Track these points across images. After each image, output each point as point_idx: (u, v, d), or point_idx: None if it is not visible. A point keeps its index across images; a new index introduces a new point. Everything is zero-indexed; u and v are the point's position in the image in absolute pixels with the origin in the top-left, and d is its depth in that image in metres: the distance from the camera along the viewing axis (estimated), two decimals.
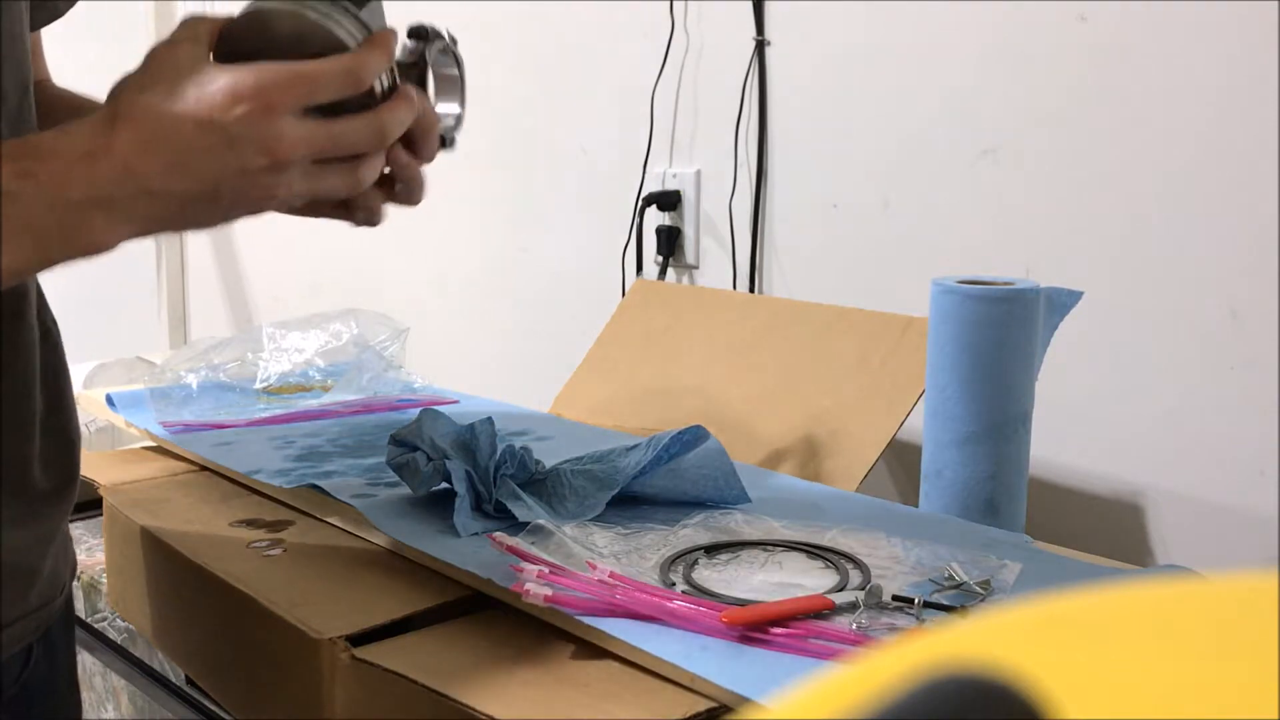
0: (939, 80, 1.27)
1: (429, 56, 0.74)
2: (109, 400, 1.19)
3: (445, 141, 0.75)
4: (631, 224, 1.56)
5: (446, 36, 0.77)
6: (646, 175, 1.56)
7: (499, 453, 0.85)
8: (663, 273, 1.55)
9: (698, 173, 1.52)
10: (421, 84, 0.73)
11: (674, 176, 1.55)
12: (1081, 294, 0.96)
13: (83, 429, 0.79)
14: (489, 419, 0.87)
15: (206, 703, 0.93)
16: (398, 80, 0.67)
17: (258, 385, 1.25)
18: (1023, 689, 0.16)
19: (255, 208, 0.62)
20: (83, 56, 1.43)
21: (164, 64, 0.60)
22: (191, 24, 0.63)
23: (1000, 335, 0.91)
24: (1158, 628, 0.18)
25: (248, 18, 0.63)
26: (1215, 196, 1.08)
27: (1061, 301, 0.95)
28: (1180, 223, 1.10)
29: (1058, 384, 1.07)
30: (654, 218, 1.56)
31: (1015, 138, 1.21)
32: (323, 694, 0.70)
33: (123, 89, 0.59)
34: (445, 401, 1.24)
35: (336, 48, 0.62)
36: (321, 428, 1.13)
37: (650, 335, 1.30)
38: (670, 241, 1.55)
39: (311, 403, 1.21)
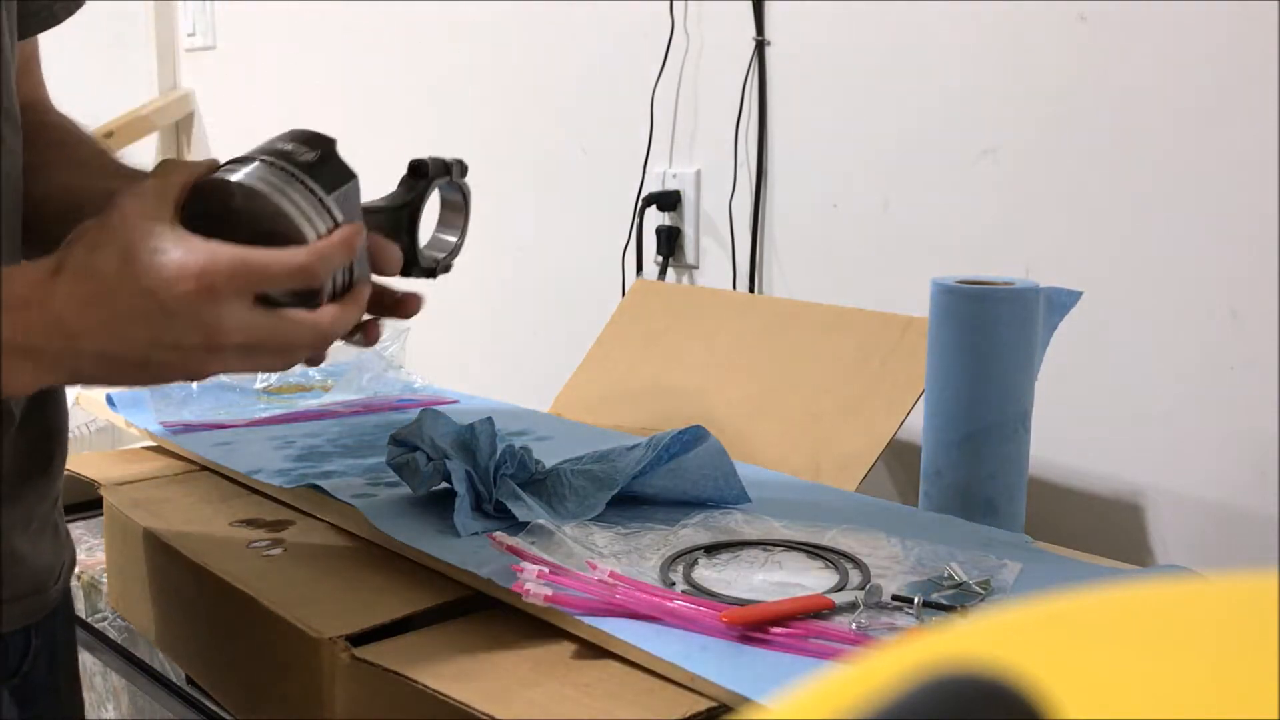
0: (939, 80, 1.27)
1: (429, 192, 0.73)
2: (109, 400, 1.19)
3: (437, 271, 0.75)
4: (631, 224, 1.56)
5: (455, 169, 0.76)
6: (646, 175, 1.56)
7: (499, 453, 0.85)
8: (663, 273, 1.55)
9: (698, 173, 1.52)
10: (413, 221, 0.72)
11: (674, 176, 1.55)
12: (1081, 294, 0.96)
13: (83, 429, 0.79)
14: (489, 419, 0.87)
15: (206, 703, 0.93)
16: (352, 278, 0.66)
17: (258, 385, 1.25)
18: (1022, 689, 0.16)
19: (187, 378, 0.64)
20: (79, 64, 1.43)
21: (124, 220, 0.59)
22: (164, 172, 0.62)
23: (1000, 335, 0.91)
24: (1158, 628, 0.18)
25: (215, 184, 0.62)
26: (1215, 196, 1.08)
27: (1061, 301, 0.95)
28: (1180, 223, 1.10)
29: (1058, 384, 1.07)
30: (654, 218, 1.56)
31: (1015, 138, 1.21)
32: (323, 694, 0.70)
33: (78, 238, 0.59)
34: (445, 401, 1.24)
35: (296, 239, 0.62)
36: (321, 428, 1.13)
37: (650, 335, 1.30)
38: (670, 241, 1.55)
39: (311, 402, 1.21)
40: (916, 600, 0.68)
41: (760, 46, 1.42)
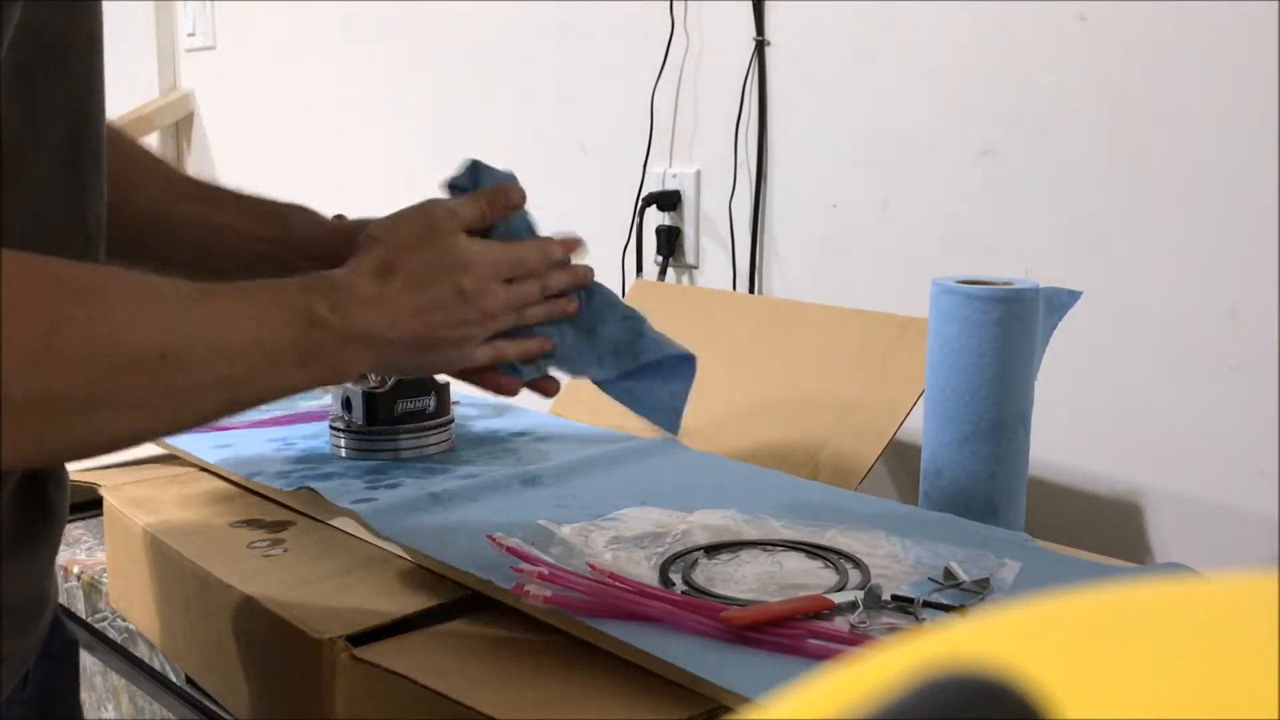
0: (939, 80, 1.27)
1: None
2: None
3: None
4: (631, 224, 1.56)
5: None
6: (646, 175, 1.56)
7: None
8: (663, 273, 1.55)
9: (698, 173, 1.52)
10: None
11: (674, 176, 1.55)
12: (1081, 294, 0.96)
13: None
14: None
15: (206, 703, 0.93)
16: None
17: None
18: (1022, 688, 0.16)
19: (445, 358, 0.77)
20: None
21: (429, 226, 0.76)
22: (451, 210, 0.78)
23: (1000, 335, 0.91)
24: (1158, 627, 0.18)
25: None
26: (1215, 196, 1.08)
27: (1061, 301, 0.95)
28: (1180, 223, 1.10)
29: (1058, 384, 1.07)
30: (654, 218, 1.56)
31: (1015, 138, 1.21)
32: (323, 694, 0.70)
33: (387, 236, 0.74)
34: None
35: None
36: (322, 429, 1.13)
37: None
38: (670, 241, 1.54)
39: (312, 404, 1.21)
40: (916, 600, 0.68)
41: (760, 46, 1.42)
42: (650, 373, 0.86)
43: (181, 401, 0.60)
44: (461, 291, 0.74)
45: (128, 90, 2.46)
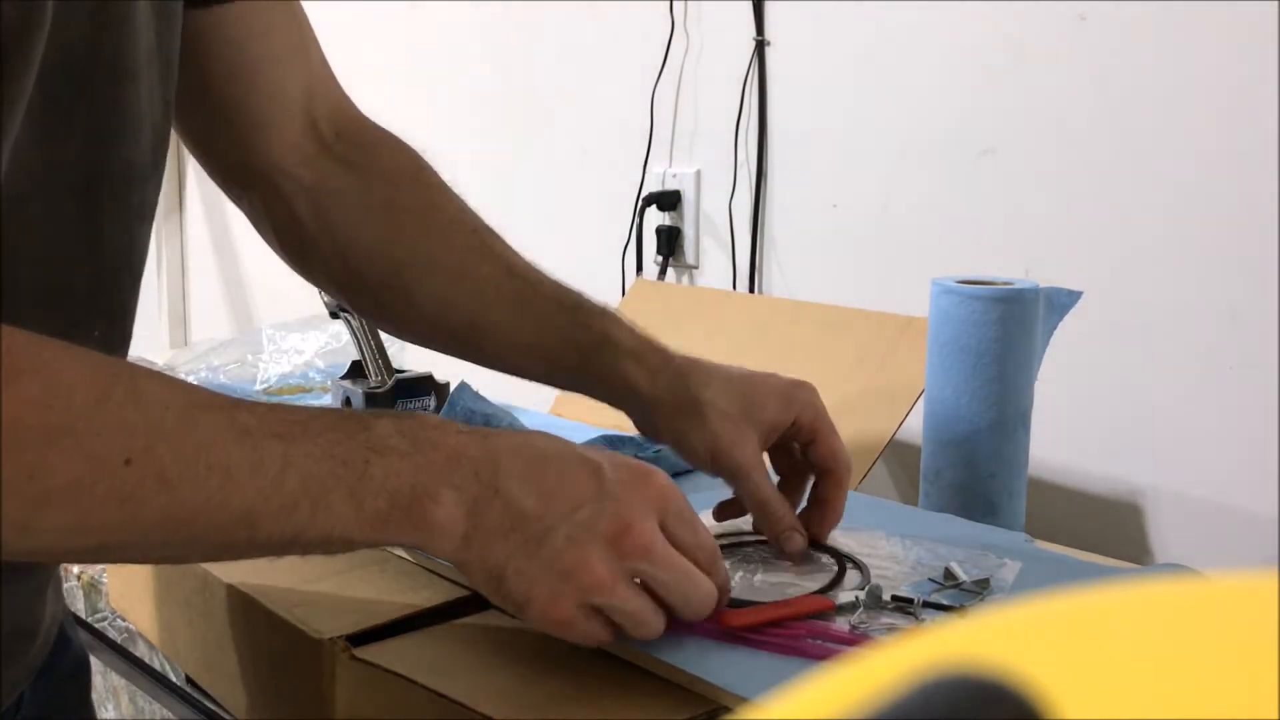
0: (939, 80, 1.27)
1: None
2: None
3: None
4: (631, 224, 1.56)
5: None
6: (646, 175, 1.56)
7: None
8: (663, 273, 1.55)
9: (698, 173, 1.52)
10: None
11: (674, 176, 1.55)
12: (1081, 294, 0.96)
13: None
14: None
15: (206, 703, 0.93)
16: None
17: (257, 387, 1.25)
18: (1022, 689, 0.16)
19: (522, 605, 0.59)
20: None
21: (645, 476, 0.60)
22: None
23: (1000, 335, 0.91)
24: (1158, 627, 0.18)
25: None
26: (1215, 196, 1.08)
27: (1061, 301, 0.95)
28: (1180, 222, 1.10)
29: (1058, 384, 1.07)
30: (654, 218, 1.56)
31: (1015, 138, 1.21)
32: (323, 694, 0.70)
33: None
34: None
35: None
36: None
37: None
38: (670, 241, 1.55)
39: (312, 404, 1.21)
40: (916, 600, 0.68)
41: (760, 46, 1.42)
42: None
43: (153, 523, 0.52)
44: (601, 478, 0.58)
45: None
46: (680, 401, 0.76)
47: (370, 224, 0.79)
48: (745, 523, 0.82)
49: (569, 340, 0.79)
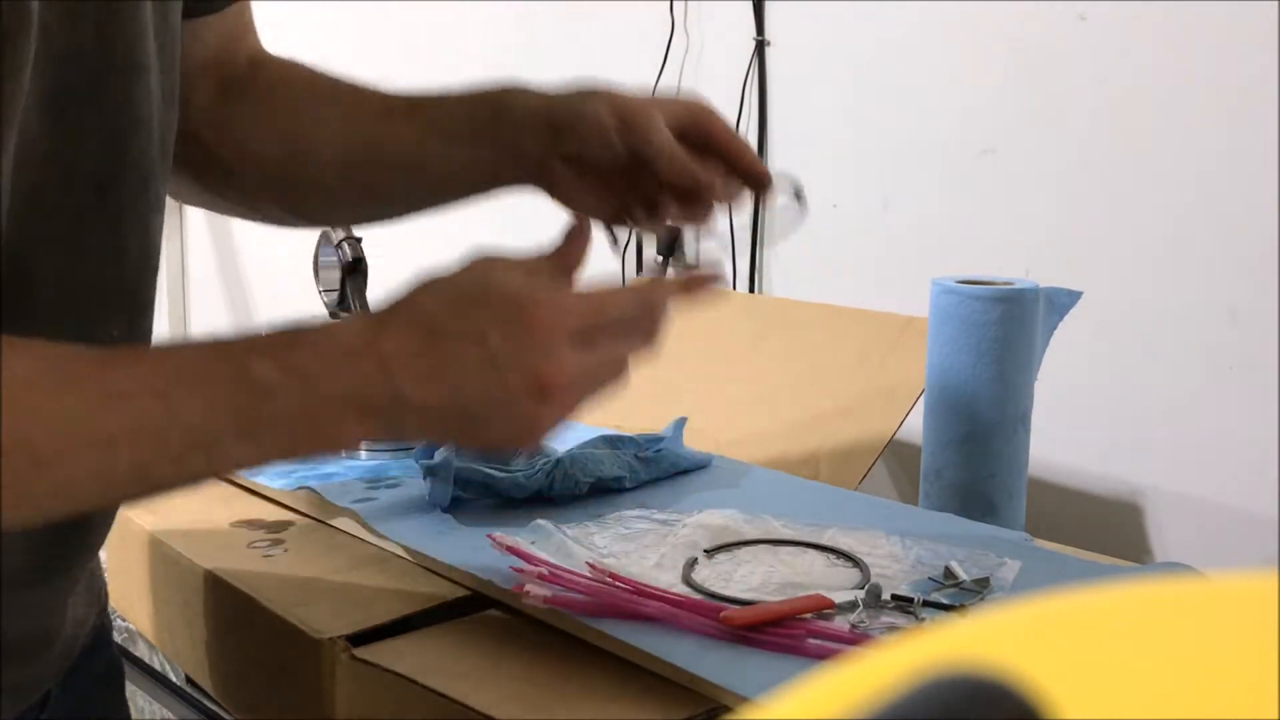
0: (939, 80, 1.27)
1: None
2: None
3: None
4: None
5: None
6: None
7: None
8: (663, 273, 1.55)
9: None
10: None
11: None
12: (1081, 294, 0.96)
13: None
14: None
15: (206, 703, 0.93)
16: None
17: None
18: (1022, 689, 0.16)
19: (512, 440, 0.60)
20: None
21: (456, 274, 0.59)
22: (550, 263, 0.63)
23: (1000, 335, 0.91)
24: (1158, 627, 0.18)
25: None
26: (1215, 196, 1.08)
27: (1061, 301, 0.95)
28: (1180, 223, 1.10)
29: (1058, 384, 1.07)
30: None
31: (1015, 138, 1.21)
32: (323, 694, 0.70)
33: (409, 290, 0.58)
34: None
35: None
36: None
37: None
38: (670, 241, 1.54)
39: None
40: (916, 599, 0.68)
41: (760, 46, 1.42)
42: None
43: (42, 500, 0.51)
44: (489, 349, 0.56)
45: None
46: (588, 89, 0.76)
47: (261, 117, 0.79)
48: (745, 523, 0.82)
49: (475, 100, 0.77)
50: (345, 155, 0.78)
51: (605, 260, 1.59)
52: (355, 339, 0.56)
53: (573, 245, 0.65)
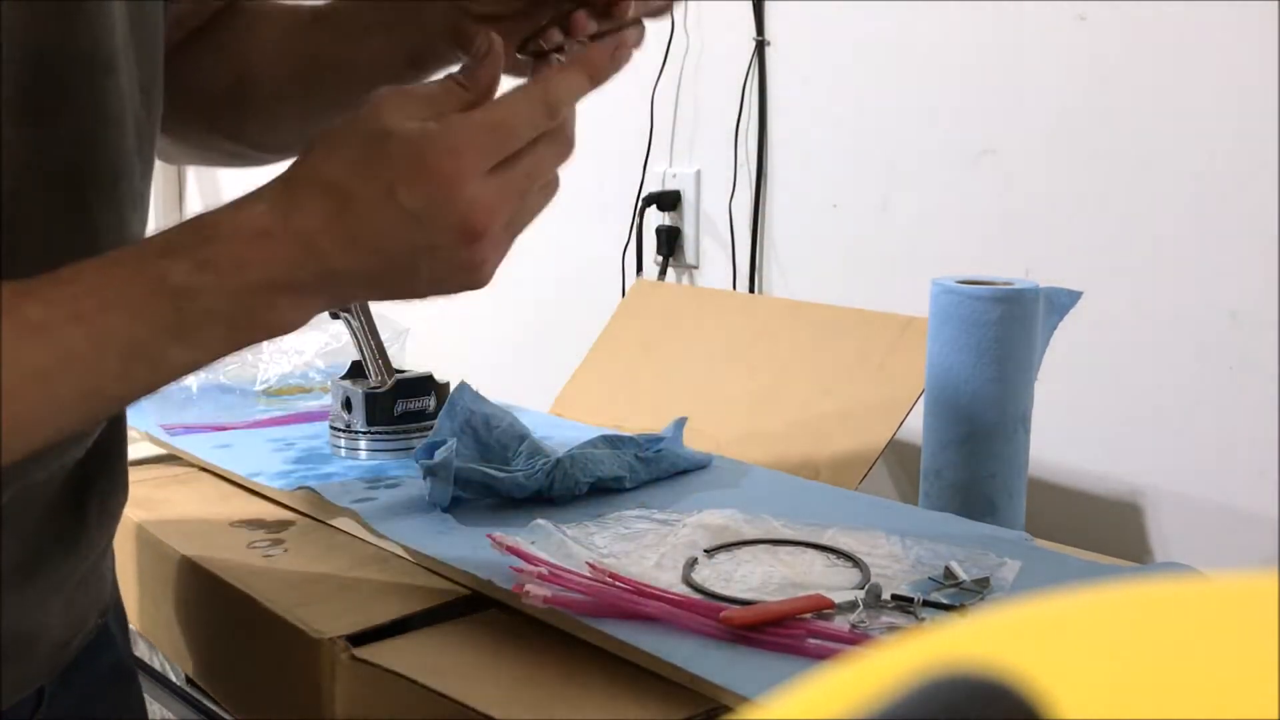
0: (939, 80, 1.27)
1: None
2: None
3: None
4: (631, 224, 1.56)
5: None
6: (646, 175, 1.56)
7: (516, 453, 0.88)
8: (663, 273, 1.55)
9: (698, 173, 1.52)
10: None
11: (674, 176, 1.55)
12: (1081, 294, 0.96)
13: None
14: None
15: (206, 703, 0.94)
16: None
17: (257, 387, 1.25)
18: (1022, 689, 0.16)
19: (465, 287, 0.59)
20: None
21: (352, 127, 0.56)
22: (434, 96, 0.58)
23: (1000, 335, 0.91)
24: (1158, 627, 0.18)
25: None
26: (1215, 196, 1.08)
27: (1061, 301, 0.95)
28: (1180, 223, 1.10)
29: (1058, 384, 1.07)
30: (654, 218, 1.56)
31: (1015, 138, 1.21)
32: (323, 694, 0.70)
33: (307, 153, 0.56)
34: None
35: None
36: (321, 429, 1.13)
37: (650, 335, 1.30)
38: (670, 241, 1.55)
39: (311, 404, 1.21)
40: (916, 599, 0.68)
41: (760, 46, 1.42)
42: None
43: None
44: (402, 205, 0.54)
45: None
46: None
47: (207, 49, 0.78)
48: (745, 523, 0.82)
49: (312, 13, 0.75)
50: (281, 70, 0.77)
51: (605, 261, 1.59)
52: (266, 220, 0.54)
53: (483, 67, 0.61)
